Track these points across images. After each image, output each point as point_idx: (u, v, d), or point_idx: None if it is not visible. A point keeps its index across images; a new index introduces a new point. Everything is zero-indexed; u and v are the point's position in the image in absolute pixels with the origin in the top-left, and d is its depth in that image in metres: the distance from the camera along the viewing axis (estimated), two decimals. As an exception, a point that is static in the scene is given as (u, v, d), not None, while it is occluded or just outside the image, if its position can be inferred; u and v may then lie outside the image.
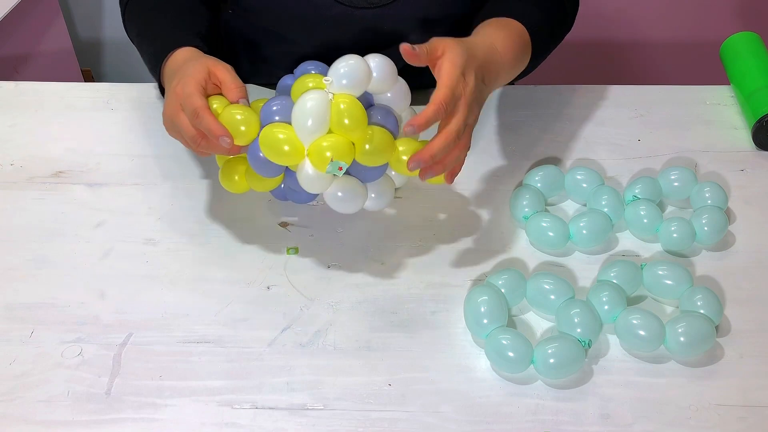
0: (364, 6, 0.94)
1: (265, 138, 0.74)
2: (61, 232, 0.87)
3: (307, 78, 0.78)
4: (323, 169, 0.73)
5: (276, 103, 0.77)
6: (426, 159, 0.73)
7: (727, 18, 2.02)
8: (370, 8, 0.94)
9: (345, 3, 0.93)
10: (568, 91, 1.07)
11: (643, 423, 0.70)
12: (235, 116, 0.75)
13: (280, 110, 0.76)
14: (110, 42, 2.24)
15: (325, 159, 0.73)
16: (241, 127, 0.75)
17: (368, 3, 0.93)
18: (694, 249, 0.86)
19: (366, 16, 0.94)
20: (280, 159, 0.75)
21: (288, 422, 0.70)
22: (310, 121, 0.73)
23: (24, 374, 0.73)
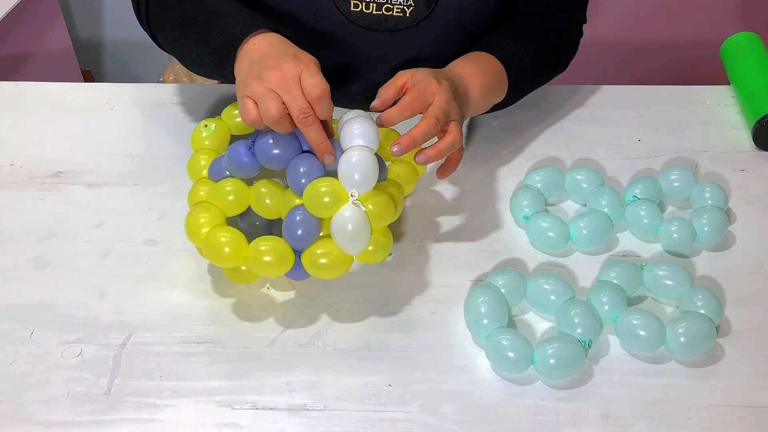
0: (378, 29, 0.93)
1: (310, 257, 0.73)
2: (61, 232, 0.87)
3: (319, 183, 0.74)
4: (379, 259, 0.76)
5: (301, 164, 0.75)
6: (406, 143, 0.76)
7: (727, 18, 2.02)
8: (383, 32, 0.94)
9: (359, 24, 0.93)
10: (568, 91, 1.07)
11: (643, 423, 0.70)
12: (220, 239, 0.75)
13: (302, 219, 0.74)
14: (110, 42, 2.24)
15: (387, 248, 0.75)
16: (225, 249, 0.74)
17: (382, 27, 0.93)
18: (694, 249, 0.86)
19: (379, 39, 0.94)
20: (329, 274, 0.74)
21: (288, 422, 0.70)
22: (358, 240, 0.72)
23: (24, 374, 0.73)
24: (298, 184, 0.75)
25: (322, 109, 0.74)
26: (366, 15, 0.92)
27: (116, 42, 2.23)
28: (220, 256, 0.75)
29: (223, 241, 0.74)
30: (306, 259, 0.74)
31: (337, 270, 0.74)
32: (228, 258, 0.74)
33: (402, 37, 0.94)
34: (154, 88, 1.09)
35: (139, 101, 1.06)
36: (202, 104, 1.05)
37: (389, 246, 0.76)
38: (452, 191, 0.92)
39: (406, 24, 0.93)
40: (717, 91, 1.08)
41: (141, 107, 1.05)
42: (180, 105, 1.05)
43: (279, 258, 0.73)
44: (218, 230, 0.75)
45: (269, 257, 0.73)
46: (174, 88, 1.08)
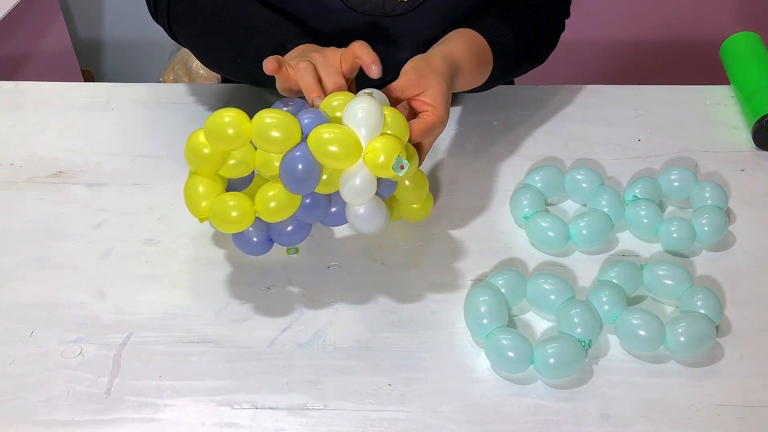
0: (376, 15, 0.94)
1: (318, 137, 0.69)
2: (61, 232, 0.87)
3: (332, 98, 0.74)
4: (383, 169, 0.69)
5: (307, 116, 0.72)
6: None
7: (727, 18, 2.02)
8: (381, 17, 0.94)
9: (357, 9, 0.93)
10: (568, 91, 1.07)
11: (643, 423, 0.70)
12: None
13: (314, 121, 0.72)
14: (110, 42, 2.24)
15: (391, 155, 0.69)
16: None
17: (380, 12, 0.93)
18: (694, 249, 0.86)
19: (377, 25, 0.94)
20: (334, 159, 0.69)
21: (288, 422, 0.70)
22: (364, 129, 0.70)
23: (24, 374, 0.73)
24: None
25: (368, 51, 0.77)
26: (364, 0, 0.92)
27: (116, 42, 2.23)
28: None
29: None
30: (312, 141, 0.69)
31: (349, 157, 0.70)
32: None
33: (400, 22, 0.94)
34: (154, 88, 1.09)
35: (139, 101, 1.06)
36: (202, 104, 1.05)
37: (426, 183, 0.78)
38: (452, 191, 0.92)
39: (404, 9, 0.93)
40: (717, 91, 1.08)
41: (141, 107, 1.05)
42: (180, 105, 1.05)
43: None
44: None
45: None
46: (174, 88, 1.08)
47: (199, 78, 2.11)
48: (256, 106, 1.03)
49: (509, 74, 0.99)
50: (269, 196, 0.72)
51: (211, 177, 0.76)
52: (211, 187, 0.75)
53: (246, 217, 0.73)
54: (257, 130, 0.71)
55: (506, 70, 0.97)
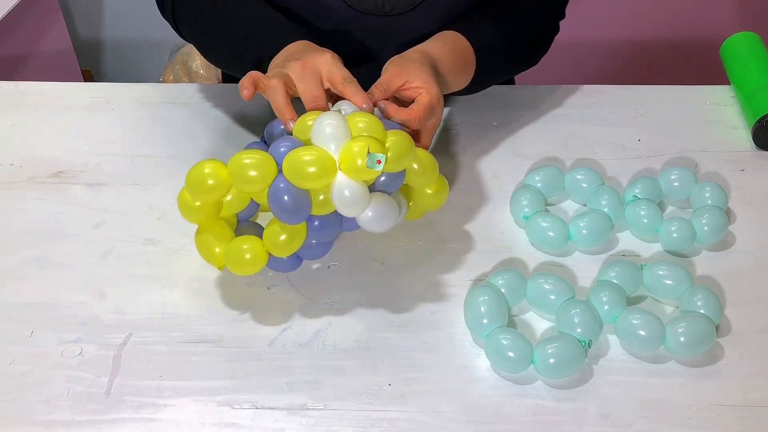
0: (375, 13, 0.94)
1: (291, 164, 0.70)
2: (61, 232, 0.87)
3: (306, 117, 0.75)
4: (361, 172, 0.69)
5: (283, 145, 0.72)
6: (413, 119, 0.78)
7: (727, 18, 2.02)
8: (380, 16, 0.94)
9: (357, 8, 0.93)
10: (567, 91, 1.07)
11: (643, 423, 0.70)
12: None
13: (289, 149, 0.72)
14: (110, 42, 2.24)
15: (361, 155, 0.68)
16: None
17: (380, 11, 0.93)
18: (694, 249, 0.86)
19: (376, 24, 0.94)
20: (311, 181, 0.69)
21: (288, 422, 0.70)
22: (333, 145, 0.71)
23: (24, 374, 0.73)
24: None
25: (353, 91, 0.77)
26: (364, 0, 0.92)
27: (116, 42, 2.23)
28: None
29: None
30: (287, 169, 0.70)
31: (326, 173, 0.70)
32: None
33: (399, 22, 0.94)
34: (154, 88, 1.09)
35: (139, 101, 1.06)
36: (202, 104, 1.05)
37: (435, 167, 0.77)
38: (452, 191, 0.92)
39: (404, 8, 0.93)
40: (717, 91, 1.08)
41: (141, 107, 1.05)
42: (180, 105, 1.05)
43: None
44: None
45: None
46: (174, 88, 1.08)
47: (199, 78, 2.11)
48: (254, 107, 1.04)
49: (499, 75, 0.99)
50: (276, 231, 0.74)
51: (217, 224, 0.78)
52: (219, 234, 0.77)
53: (259, 258, 0.74)
54: (234, 174, 0.72)
55: (493, 71, 0.96)
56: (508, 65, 0.99)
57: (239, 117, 1.02)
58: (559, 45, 1.04)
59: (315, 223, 0.75)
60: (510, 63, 0.98)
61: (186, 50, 2.14)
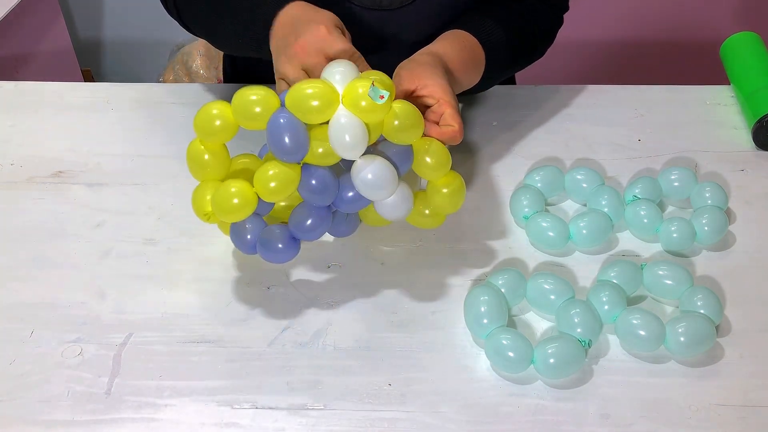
0: (373, 8, 0.93)
1: (294, 96, 0.69)
2: (61, 232, 0.87)
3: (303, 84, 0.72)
4: (361, 102, 0.68)
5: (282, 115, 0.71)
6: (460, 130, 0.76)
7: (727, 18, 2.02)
8: (378, 10, 0.94)
9: (354, 2, 0.93)
10: (568, 91, 1.07)
11: (643, 423, 0.70)
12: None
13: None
14: (110, 42, 2.24)
15: (365, 87, 0.68)
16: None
17: (377, 5, 0.93)
18: (694, 249, 0.86)
19: (373, 18, 0.94)
20: (314, 113, 0.69)
21: (288, 422, 0.70)
22: (340, 87, 0.70)
23: (24, 374, 0.73)
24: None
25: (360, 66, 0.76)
26: None
27: (116, 42, 2.24)
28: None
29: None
30: (290, 100, 0.70)
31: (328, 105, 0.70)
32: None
33: (398, 16, 0.94)
34: (154, 88, 1.09)
35: (139, 101, 1.06)
36: (201, 104, 1.05)
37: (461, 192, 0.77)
38: (452, 191, 0.92)
39: (402, 2, 0.93)
40: (717, 91, 1.08)
41: (141, 107, 1.05)
42: (180, 105, 1.05)
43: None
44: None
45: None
46: (174, 88, 1.08)
47: (199, 78, 2.11)
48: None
49: (504, 71, 0.98)
50: (268, 175, 0.71)
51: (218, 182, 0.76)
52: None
53: (248, 202, 0.72)
54: (238, 108, 0.72)
55: (500, 67, 0.96)
56: (514, 60, 0.98)
57: (239, 117, 1.02)
58: (559, 45, 1.04)
59: (312, 182, 0.72)
60: (516, 58, 0.97)
61: (186, 50, 2.14)
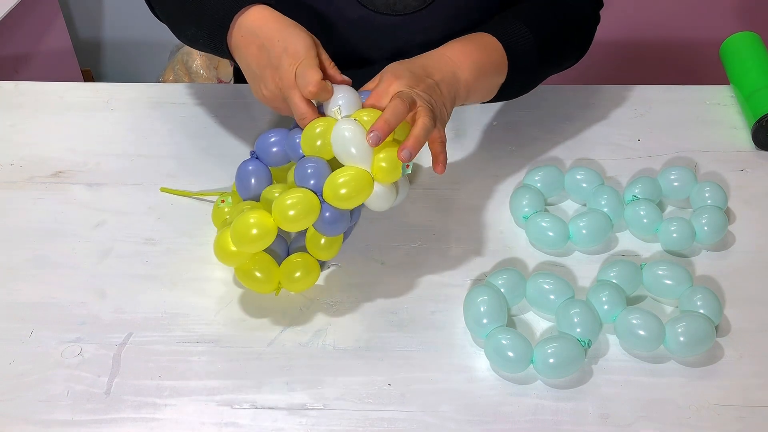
0: (387, 12, 0.93)
1: (333, 194, 0.73)
2: (61, 232, 0.87)
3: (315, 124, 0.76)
4: (396, 176, 0.75)
5: (309, 165, 0.75)
6: (380, 126, 0.73)
7: (727, 18, 2.02)
8: (392, 15, 0.93)
9: (368, 7, 0.93)
10: (568, 91, 1.07)
11: (643, 423, 0.70)
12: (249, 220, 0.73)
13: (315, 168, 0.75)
14: (110, 42, 2.24)
15: (397, 166, 0.74)
16: (253, 230, 0.73)
17: (391, 10, 0.93)
18: (694, 249, 0.86)
19: (386, 23, 0.94)
20: (354, 201, 0.74)
21: (288, 422, 0.70)
22: (353, 149, 0.74)
23: (24, 374, 0.73)
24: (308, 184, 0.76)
25: (324, 99, 0.77)
26: None
27: (116, 42, 2.23)
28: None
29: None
30: (328, 193, 0.74)
31: (362, 194, 0.74)
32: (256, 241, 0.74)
33: (411, 21, 0.94)
34: (154, 88, 1.09)
35: (139, 101, 1.06)
36: (202, 104, 1.05)
37: None
38: (452, 191, 0.92)
39: (415, 7, 0.93)
40: (717, 91, 1.08)
41: (141, 107, 1.05)
42: (180, 105, 1.05)
43: (305, 207, 0.73)
44: None
45: (294, 211, 0.73)
46: (174, 88, 1.08)
47: (199, 78, 2.11)
48: (253, 107, 1.03)
49: (535, 76, 0.94)
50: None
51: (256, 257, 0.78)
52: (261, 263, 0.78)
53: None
54: (279, 218, 0.73)
55: (529, 72, 0.92)
56: (547, 62, 0.93)
57: (239, 117, 1.02)
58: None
59: (326, 214, 0.75)
60: (547, 59, 0.93)
61: (186, 50, 2.14)
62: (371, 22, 0.94)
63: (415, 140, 0.74)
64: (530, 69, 0.91)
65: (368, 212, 0.89)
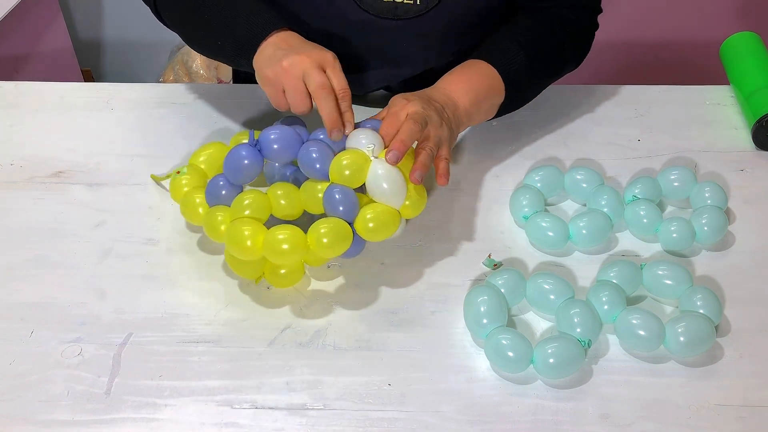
0: (388, 17, 0.93)
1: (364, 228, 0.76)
2: (61, 232, 0.87)
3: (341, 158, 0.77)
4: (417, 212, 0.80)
5: (313, 149, 0.78)
6: (397, 146, 0.77)
7: (727, 18, 2.02)
8: (392, 20, 0.93)
9: (369, 11, 0.93)
10: (568, 91, 1.07)
11: (642, 423, 0.70)
12: (242, 230, 0.75)
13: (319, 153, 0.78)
14: (110, 42, 2.24)
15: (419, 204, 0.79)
16: (247, 242, 0.74)
17: (392, 15, 0.93)
18: (693, 249, 0.86)
19: (389, 27, 0.94)
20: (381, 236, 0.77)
21: (288, 422, 0.70)
22: (386, 185, 0.76)
23: (24, 374, 0.73)
24: (314, 167, 0.78)
25: (344, 108, 0.80)
26: (377, 2, 0.92)
27: (116, 42, 2.23)
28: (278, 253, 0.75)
29: (281, 238, 0.75)
30: (359, 226, 0.76)
31: (389, 228, 0.77)
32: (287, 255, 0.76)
33: (412, 25, 0.94)
34: (154, 88, 1.09)
35: (139, 101, 1.06)
36: (201, 104, 1.05)
37: (424, 198, 0.80)
38: (452, 191, 0.92)
39: (417, 12, 0.93)
40: (717, 91, 1.08)
41: (141, 107, 1.05)
42: (180, 105, 1.05)
43: (337, 236, 0.75)
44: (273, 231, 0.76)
45: (327, 239, 0.75)
46: (174, 88, 1.08)
47: (199, 78, 2.11)
48: (253, 107, 1.03)
49: (532, 92, 0.98)
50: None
51: None
52: None
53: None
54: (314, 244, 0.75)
55: (525, 90, 0.96)
56: (542, 77, 0.98)
57: (239, 117, 1.03)
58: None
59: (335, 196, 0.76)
60: (542, 74, 0.97)
61: (186, 50, 2.14)
62: (372, 27, 0.94)
63: (422, 165, 0.78)
64: (526, 86, 0.95)
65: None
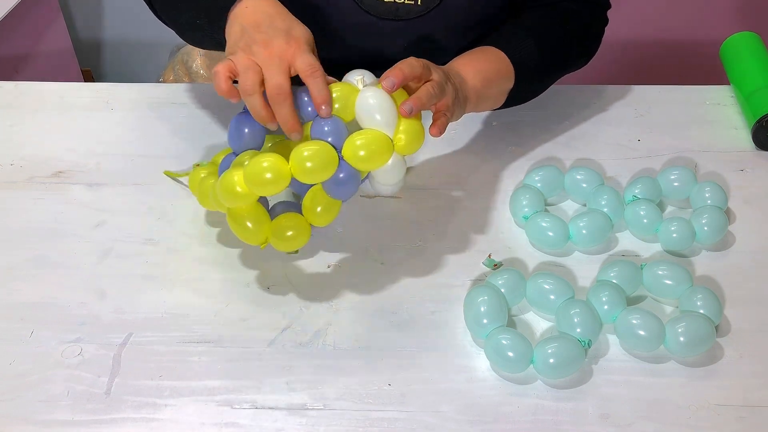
0: (389, 18, 0.93)
1: (352, 153, 0.73)
2: (61, 232, 0.87)
3: (333, 88, 0.76)
4: (413, 149, 0.76)
5: (327, 123, 0.75)
6: (415, 102, 0.75)
7: (727, 18, 2.02)
8: (394, 20, 0.93)
9: (371, 12, 0.93)
10: (568, 91, 1.07)
11: (642, 423, 0.70)
12: (262, 164, 0.72)
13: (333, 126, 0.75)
14: (110, 42, 2.24)
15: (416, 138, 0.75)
16: (266, 174, 0.72)
17: (393, 15, 0.93)
18: (694, 249, 0.86)
19: (389, 28, 0.94)
20: (372, 163, 0.74)
21: (288, 422, 0.70)
22: (378, 115, 0.74)
23: (24, 374, 0.73)
24: (306, 110, 0.76)
25: (318, 88, 0.74)
26: (378, 3, 0.92)
27: (116, 42, 2.23)
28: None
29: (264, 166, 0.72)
30: (348, 153, 0.73)
31: (382, 157, 0.74)
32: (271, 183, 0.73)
33: (413, 26, 0.94)
34: (154, 88, 1.09)
35: (139, 101, 1.06)
36: (202, 104, 1.05)
37: (422, 133, 0.77)
38: (452, 191, 0.92)
39: (418, 12, 0.93)
40: (717, 91, 1.08)
41: (141, 107, 1.05)
42: (180, 105, 1.05)
43: (322, 160, 0.72)
44: None
45: (311, 162, 0.72)
46: (174, 88, 1.08)
47: (199, 78, 2.11)
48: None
49: (541, 81, 0.97)
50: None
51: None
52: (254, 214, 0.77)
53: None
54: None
55: (535, 79, 0.95)
56: (551, 67, 0.96)
57: (239, 117, 1.02)
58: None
59: (341, 175, 0.74)
60: (552, 64, 0.96)
61: (186, 50, 2.14)
62: (373, 28, 0.94)
63: (417, 99, 0.75)
64: (535, 75, 0.94)
65: (368, 211, 0.89)
